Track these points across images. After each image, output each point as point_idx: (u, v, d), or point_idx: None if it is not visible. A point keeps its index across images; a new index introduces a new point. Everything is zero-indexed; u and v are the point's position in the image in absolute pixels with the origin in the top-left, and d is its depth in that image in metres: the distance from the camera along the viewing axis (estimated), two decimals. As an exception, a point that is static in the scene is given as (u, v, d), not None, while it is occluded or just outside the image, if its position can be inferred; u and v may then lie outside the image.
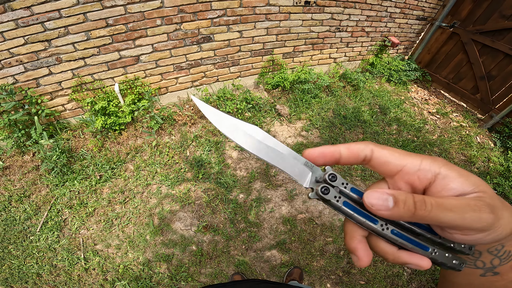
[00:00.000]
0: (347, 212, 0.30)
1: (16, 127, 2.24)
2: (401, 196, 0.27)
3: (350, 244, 0.31)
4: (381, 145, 0.31)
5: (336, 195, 0.31)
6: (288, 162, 0.33)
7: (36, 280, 1.88)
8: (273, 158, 0.33)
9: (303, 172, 0.33)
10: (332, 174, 0.32)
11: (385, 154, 0.30)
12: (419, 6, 3.66)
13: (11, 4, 1.74)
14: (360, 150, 0.31)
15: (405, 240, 0.29)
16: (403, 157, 0.30)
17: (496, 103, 3.49)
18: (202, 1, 2.32)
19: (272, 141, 0.34)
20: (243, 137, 0.33)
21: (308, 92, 3.35)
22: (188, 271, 1.99)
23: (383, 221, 0.29)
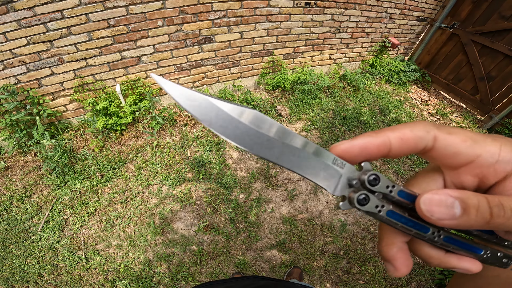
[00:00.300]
0: (391, 222, 0.24)
1: (18, 127, 2.26)
2: (471, 200, 0.21)
3: (387, 252, 0.26)
4: (445, 128, 0.23)
5: (378, 203, 0.24)
6: (307, 161, 0.24)
7: (37, 279, 1.88)
8: (282, 157, 0.23)
9: (331, 174, 0.25)
10: (374, 176, 0.24)
11: (455, 142, 0.23)
12: (419, 7, 3.68)
13: (14, 4, 1.76)
14: (419, 140, 0.23)
15: (459, 245, 0.24)
16: (478, 145, 0.22)
17: (495, 104, 3.50)
18: (203, 2, 2.34)
19: (279, 131, 0.23)
20: (230, 128, 0.22)
21: (308, 93, 3.36)
22: (189, 271, 2.00)
23: (436, 228, 0.24)
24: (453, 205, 0.21)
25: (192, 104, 0.21)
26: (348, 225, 2.34)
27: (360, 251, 2.20)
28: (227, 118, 0.22)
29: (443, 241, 0.24)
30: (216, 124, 0.22)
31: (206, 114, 0.21)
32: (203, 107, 0.21)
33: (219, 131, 0.22)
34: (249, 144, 0.22)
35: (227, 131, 0.22)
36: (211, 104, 0.22)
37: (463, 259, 0.25)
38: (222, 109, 0.22)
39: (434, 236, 0.24)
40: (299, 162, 0.24)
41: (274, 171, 2.62)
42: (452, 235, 0.24)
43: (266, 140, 0.23)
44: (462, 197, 0.21)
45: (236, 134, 0.22)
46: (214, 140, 2.77)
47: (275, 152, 0.23)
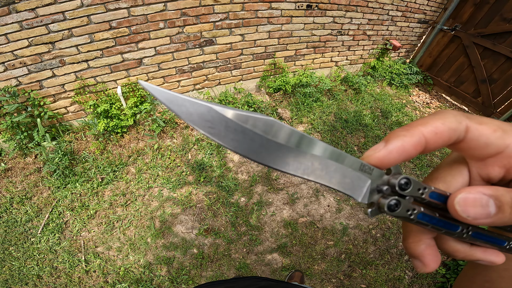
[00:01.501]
0: (421, 224, 0.24)
1: (18, 129, 2.25)
2: (505, 197, 0.20)
3: (415, 249, 0.26)
4: (475, 117, 0.23)
5: (409, 207, 0.23)
6: (332, 170, 0.22)
7: (36, 281, 1.87)
8: (306, 169, 0.21)
9: (358, 180, 0.23)
10: (405, 180, 0.23)
11: (486, 132, 0.22)
12: (421, 10, 3.68)
13: (15, 6, 1.76)
14: (452, 132, 0.22)
15: (485, 239, 0.25)
16: (508, 135, 0.22)
17: (497, 107, 3.48)
18: (204, 4, 2.34)
19: (297, 138, 0.20)
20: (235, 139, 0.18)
21: (310, 95, 3.36)
22: (189, 274, 1.99)
23: (465, 225, 0.24)
24: (487, 204, 0.20)
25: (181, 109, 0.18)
26: (349, 229, 2.32)
27: (362, 255, 2.18)
28: (239, 129, 0.19)
29: (471, 237, 0.24)
30: (227, 138, 0.18)
31: (215, 127, 0.18)
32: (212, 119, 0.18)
33: (231, 146, 0.18)
34: (265, 158, 0.19)
35: (242, 146, 0.19)
36: (219, 114, 0.18)
37: (488, 251, 0.25)
38: (232, 120, 0.18)
39: (463, 233, 0.24)
40: (324, 172, 0.21)
41: (275, 175, 2.61)
42: (480, 230, 0.24)
43: (286, 150, 0.20)
44: (497, 195, 0.20)
45: (252, 148, 0.19)
46: (215, 143, 2.76)
47: (294, 165, 0.20)
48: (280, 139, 0.20)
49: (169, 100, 0.18)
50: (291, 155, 0.20)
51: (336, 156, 0.22)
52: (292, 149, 0.20)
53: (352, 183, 0.23)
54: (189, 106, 0.18)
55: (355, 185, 0.23)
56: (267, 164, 0.19)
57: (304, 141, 0.20)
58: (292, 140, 0.20)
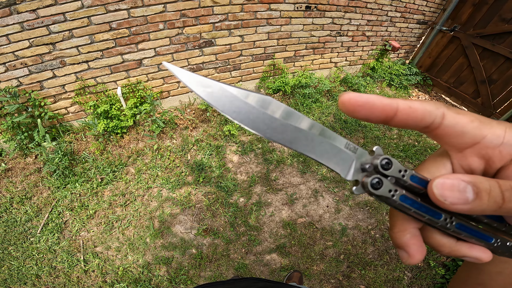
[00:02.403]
0: (404, 207, 0.24)
1: (19, 129, 2.27)
2: (483, 184, 0.21)
3: (400, 238, 0.26)
4: (455, 109, 0.24)
5: (391, 188, 0.24)
6: (320, 145, 0.24)
7: (35, 281, 1.88)
8: (296, 141, 0.23)
9: (344, 158, 0.24)
10: (386, 160, 0.24)
11: (463, 121, 0.23)
12: (420, 10, 3.69)
13: (17, 7, 1.78)
14: (428, 113, 0.23)
15: (470, 232, 0.24)
16: (484, 126, 0.23)
17: (497, 108, 3.48)
18: (204, 5, 2.35)
19: (289, 114, 0.23)
20: (243, 113, 0.22)
21: (309, 96, 3.37)
22: (188, 274, 1.99)
23: (448, 214, 0.24)
24: (465, 190, 0.21)
25: (206, 90, 0.22)
26: (348, 229, 2.32)
27: (361, 255, 2.18)
28: (240, 104, 0.22)
29: (456, 228, 0.24)
30: (229, 110, 0.22)
31: (219, 100, 0.22)
32: (217, 94, 0.22)
33: (232, 116, 0.22)
34: (262, 129, 0.22)
35: (240, 116, 0.22)
36: (225, 91, 0.22)
37: (474, 247, 0.25)
38: (235, 95, 0.22)
39: (447, 223, 0.24)
40: (312, 146, 0.24)
41: (275, 175, 2.62)
42: (464, 222, 0.24)
43: (280, 124, 0.23)
44: (474, 182, 0.21)
45: (250, 119, 0.22)
46: (215, 144, 2.77)
47: (288, 136, 0.23)
48: (277, 115, 0.23)
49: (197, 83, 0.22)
50: (288, 129, 0.23)
51: (325, 132, 0.24)
52: (288, 124, 0.23)
53: (338, 160, 0.24)
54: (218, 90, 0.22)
55: (342, 162, 0.24)
56: (261, 133, 0.22)
57: (294, 116, 0.23)
58: (283, 114, 0.23)
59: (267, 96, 0.23)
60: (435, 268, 2.15)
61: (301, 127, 0.23)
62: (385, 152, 2.99)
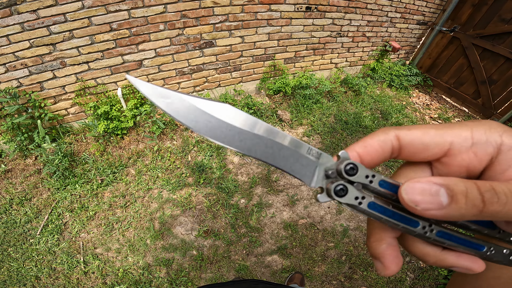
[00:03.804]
0: (374, 215, 0.23)
1: (19, 130, 2.26)
2: (458, 186, 0.19)
3: (376, 248, 0.25)
4: (405, 126, 0.23)
5: (357, 195, 0.22)
6: (280, 151, 0.23)
7: (34, 283, 1.86)
8: (254, 148, 0.22)
9: (306, 164, 0.23)
10: (350, 165, 0.22)
11: (417, 135, 0.22)
12: (419, 11, 3.69)
13: (17, 7, 1.77)
14: (382, 143, 0.23)
15: (455, 241, 0.22)
16: (443, 132, 0.22)
17: (497, 108, 3.48)
18: (204, 6, 2.36)
19: (250, 122, 0.22)
20: (204, 122, 0.21)
21: (310, 97, 3.36)
22: (188, 276, 1.97)
23: (426, 222, 0.22)
24: (438, 193, 0.19)
25: (164, 101, 0.21)
26: (350, 230, 2.31)
27: (363, 256, 2.17)
28: (199, 113, 0.22)
29: (436, 237, 0.22)
30: (188, 118, 0.21)
31: (178, 110, 0.21)
32: (176, 105, 0.21)
33: (190, 125, 0.21)
34: (220, 137, 0.22)
35: (198, 125, 0.22)
36: (184, 101, 0.22)
37: (462, 256, 0.23)
38: (193, 104, 0.22)
39: (425, 231, 0.22)
40: (272, 153, 0.23)
41: (275, 176, 2.61)
42: (447, 230, 0.22)
43: (238, 132, 0.22)
44: (448, 184, 0.19)
45: (208, 127, 0.22)
46: (215, 145, 2.76)
47: (246, 144, 0.22)
48: (237, 123, 0.22)
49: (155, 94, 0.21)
50: (247, 136, 0.22)
51: (287, 140, 0.23)
52: (247, 131, 0.22)
53: (300, 166, 0.23)
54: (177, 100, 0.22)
55: (302, 168, 0.23)
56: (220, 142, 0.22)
57: (255, 125, 0.23)
58: (246, 123, 0.22)
59: (225, 104, 0.22)
60: (437, 269, 2.13)
61: (259, 133, 0.22)
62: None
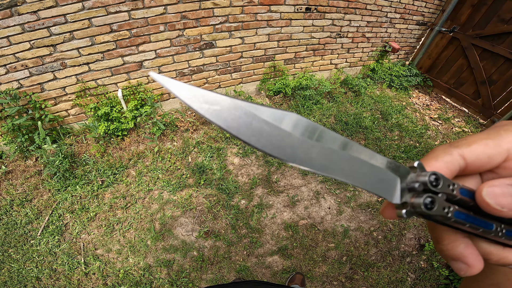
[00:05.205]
0: (459, 223, 0.22)
1: (19, 131, 2.26)
2: None
3: (454, 250, 0.24)
4: (460, 142, 0.23)
5: (444, 205, 0.21)
6: (356, 166, 0.21)
7: (35, 284, 1.86)
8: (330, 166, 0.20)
9: (388, 180, 0.22)
10: (435, 176, 0.21)
11: (481, 150, 0.22)
12: (419, 11, 3.70)
13: (18, 8, 1.78)
14: (450, 165, 0.23)
15: None
16: (499, 141, 0.22)
17: (497, 108, 3.48)
18: (204, 7, 2.36)
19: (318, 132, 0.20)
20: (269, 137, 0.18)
21: (310, 98, 3.36)
22: (189, 277, 1.97)
23: (498, 223, 0.23)
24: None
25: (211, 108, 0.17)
26: (350, 231, 2.31)
27: (363, 257, 2.16)
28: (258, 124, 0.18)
29: (506, 236, 0.23)
30: (246, 134, 0.18)
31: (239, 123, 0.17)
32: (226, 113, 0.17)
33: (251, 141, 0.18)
34: (287, 153, 0.18)
35: (262, 140, 0.18)
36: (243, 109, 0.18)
37: None
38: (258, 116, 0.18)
39: (498, 232, 0.23)
40: (349, 170, 0.20)
41: (276, 177, 2.61)
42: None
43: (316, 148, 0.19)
44: None
45: (271, 142, 0.18)
46: (216, 146, 2.76)
47: (325, 162, 0.19)
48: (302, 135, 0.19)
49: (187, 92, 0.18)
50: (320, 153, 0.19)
51: (365, 154, 0.21)
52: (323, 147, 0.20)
53: (382, 183, 0.22)
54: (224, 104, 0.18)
55: (386, 185, 0.22)
56: (294, 162, 0.19)
57: (324, 135, 0.20)
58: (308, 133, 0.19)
59: (289, 113, 0.19)
60: (438, 269, 2.13)
61: (333, 147, 0.20)
62: (387, 153, 2.98)
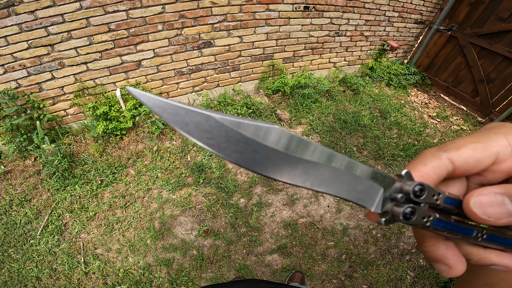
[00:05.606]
0: (437, 230, 0.23)
1: (18, 131, 2.26)
2: None
3: (435, 251, 0.25)
4: (449, 145, 0.23)
5: (425, 215, 0.22)
6: (340, 179, 0.21)
7: (35, 283, 1.86)
8: (316, 179, 0.20)
9: (370, 189, 0.22)
10: (420, 187, 0.21)
11: (469, 154, 0.22)
12: (417, 10, 3.70)
13: (15, 8, 1.77)
14: (438, 169, 0.23)
15: (501, 242, 0.24)
16: (488, 144, 0.22)
17: (496, 106, 3.49)
18: (202, 6, 2.36)
19: (300, 144, 0.19)
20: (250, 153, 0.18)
21: (308, 96, 3.37)
22: (189, 276, 1.98)
23: (480, 229, 0.24)
24: (504, 202, 0.20)
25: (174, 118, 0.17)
26: (350, 229, 2.32)
27: (363, 255, 2.17)
28: (241, 139, 0.18)
29: (486, 240, 0.24)
30: (226, 150, 0.17)
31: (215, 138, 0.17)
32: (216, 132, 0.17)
33: (231, 158, 0.17)
34: (263, 165, 0.18)
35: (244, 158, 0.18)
36: (219, 123, 0.17)
37: (503, 255, 0.24)
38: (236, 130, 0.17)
39: (478, 237, 0.24)
40: (334, 183, 0.20)
41: (275, 175, 2.61)
42: (494, 233, 0.24)
43: (294, 160, 0.19)
44: (509, 192, 0.20)
45: (255, 160, 0.18)
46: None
47: (310, 176, 0.19)
48: (285, 148, 0.18)
49: (162, 108, 0.16)
50: (299, 166, 0.19)
51: (347, 165, 0.21)
52: (301, 159, 0.19)
53: (364, 193, 0.22)
54: (184, 114, 0.17)
55: (367, 195, 0.22)
56: (272, 176, 0.18)
57: (312, 150, 0.19)
58: (300, 150, 0.19)
59: (270, 125, 0.18)
60: (437, 267, 2.14)
61: (313, 160, 0.19)
62: (385, 151, 2.99)
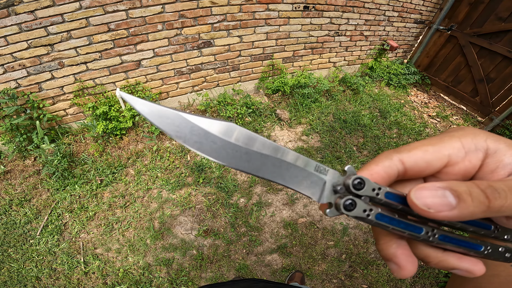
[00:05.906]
0: (382, 225, 0.24)
1: (18, 131, 2.26)
2: (460, 186, 0.20)
3: (386, 250, 0.25)
4: (405, 147, 0.24)
5: (365, 207, 0.23)
6: (288, 170, 0.23)
7: (35, 283, 1.86)
8: (263, 168, 0.22)
9: (315, 181, 0.24)
10: (358, 180, 0.23)
11: (419, 156, 0.23)
12: (417, 10, 3.70)
13: (15, 8, 1.77)
14: (388, 168, 0.24)
15: (456, 243, 0.24)
16: (440, 147, 0.23)
17: (495, 106, 3.49)
18: (202, 6, 2.36)
19: (257, 142, 0.22)
20: (206, 143, 0.21)
21: (308, 96, 3.37)
22: (189, 275, 1.97)
23: (430, 227, 0.24)
24: (444, 195, 0.20)
25: (164, 121, 0.20)
26: (350, 229, 2.32)
27: (363, 255, 2.17)
28: (202, 133, 0.21)
29: (439, 240, 0.24)
30: (191, 140, 0.21)
31: (180, 130, 0.20)
32: (177, 124, 0.20)
33: (194, 147, 0.21)
34: (226, 158, 0.21)
35: (203, 147, 0.21)
36: (185, 120, 0.21)
37: (464, 259, 0.24)
38: (197, 124, 0.21)
39: (429, 236, 0.23)
40: (280, 172, 0.23)
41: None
42: (448, 233, 0.24)
43: (244, 153, 0.22)
44: (450, 186, 0.20)
45: (213, 149, 0.21)
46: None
47: (254, 164, 0.22)
48: (241, 143, 0.22)
49: (153, 114, 0.19)
50: (254, 157, 0.22)
51: (294, 157, 0.23)
52: (254, 152, 0.22)
53: (308, 183, 0.24)
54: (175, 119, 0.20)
55: (311, 185, 0.24)
56: (229, 165, 0.22)
57: (261, 144, 0.22)
58: (250, 142, 0.22)
59: (230, 123, 0.22)
60: (436, 266, 2.14)
61: (266, 153, 0.22)
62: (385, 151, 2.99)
